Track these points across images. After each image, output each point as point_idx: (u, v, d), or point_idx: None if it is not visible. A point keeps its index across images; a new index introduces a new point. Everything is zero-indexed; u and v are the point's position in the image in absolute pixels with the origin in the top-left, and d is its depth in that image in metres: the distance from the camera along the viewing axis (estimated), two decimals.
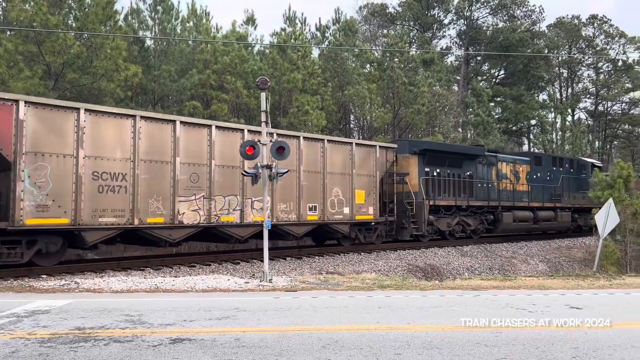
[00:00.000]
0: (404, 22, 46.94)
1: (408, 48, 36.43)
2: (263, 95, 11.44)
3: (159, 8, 25.58)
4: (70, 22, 22.19)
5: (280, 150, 11.48)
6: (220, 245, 17.74)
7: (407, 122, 30.96)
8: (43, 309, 7.66)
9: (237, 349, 5.52)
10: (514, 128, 49.49)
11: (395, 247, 19.01)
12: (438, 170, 20.29)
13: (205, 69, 24.53)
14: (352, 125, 36.87)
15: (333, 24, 31.27)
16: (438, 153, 20.51)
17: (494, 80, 51.28)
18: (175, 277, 12.00)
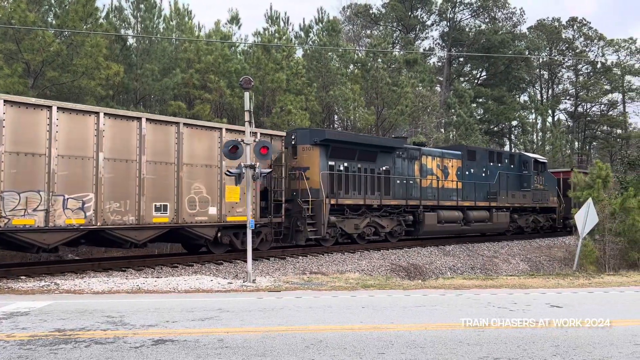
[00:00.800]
0: (388, 22, 47.19)
1: (391, 49, 36.61)
2: (247, 95, 11.40)
3: (142, 6, 25.32)
4: (50, 19, 21.87)
5: (264, 150, 11.45)
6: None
7: (390, 122, 31.11)
8: (22, 311, 7.53)
9: (220, 350, 5.49)
10: (496, 129, 50.05)
11: (379, 247, 19.06)
12: (346, 165, 17.80)
13: (189, 68, 24.35)
14: (336, 126, 36.92)
15: (316, 24, 31.27)
16: (345, 144, 17.88)
17: (476, 81, 51.80)
18: (158, 277, 11.90)
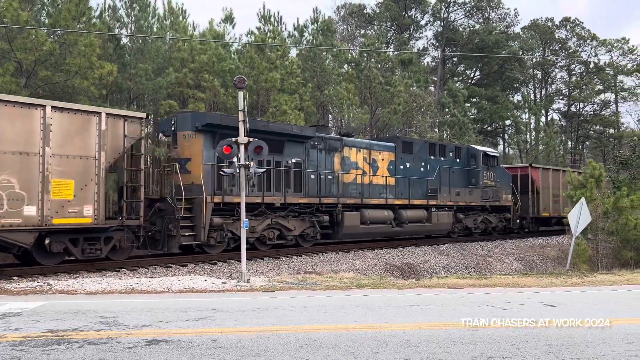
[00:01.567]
0: (382, 22, 47.24)
1: (385, 48, 36.66)
2: (240, 95, 11.38)
3: (135, 5, 25.22)
4: (43, 18, 21.74)
5: (258, 150, 11.44)
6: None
7: (384, 122, 31.15)
8: (14, 311, 7.49)
9: (214, 350, 5.48)
10: (489, 128, 50.22)
11: (373, 246, 19.14)
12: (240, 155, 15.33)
13: (182, 68, 24.28)
14: (330, 125, 36.92)
15: (311, 24, 31.27)
16: (236, 131, 13.95)
17: (470, 81, 51.97)
18: (152, 277, 11.86)
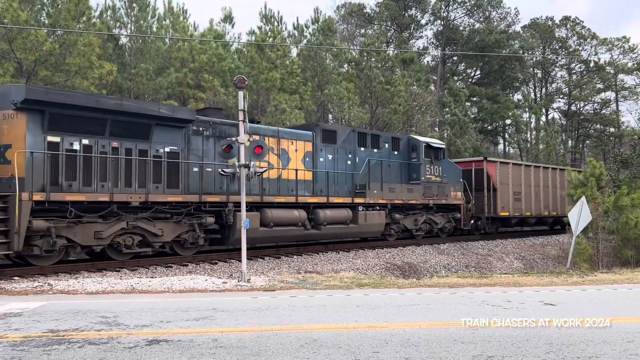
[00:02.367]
0: (382, 22, 47.22)
1: (385, 48, 36.65)
2: (240, 94, 11.38)
3: (135, 5, 25.24)
4: (43, 18, 21.76)
5: (258, 150, 11.43)
6: None
7: (384, 121, 31.14)
8: (15, 312, 7.49)
9: (214, 350, 5.48)
10: (490, 127, 50.19)
11: (374, 245, 19.08)
12: (86, 142, 12.34)
13: (183, 68, 24.30)
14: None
15: (312, 23, 31.30)
16: (80, 111, 12.15)
17: (470, 80, 51.94)
18: (152, 277, 11.86)
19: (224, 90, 24.36)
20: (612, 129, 55.39)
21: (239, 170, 11.36)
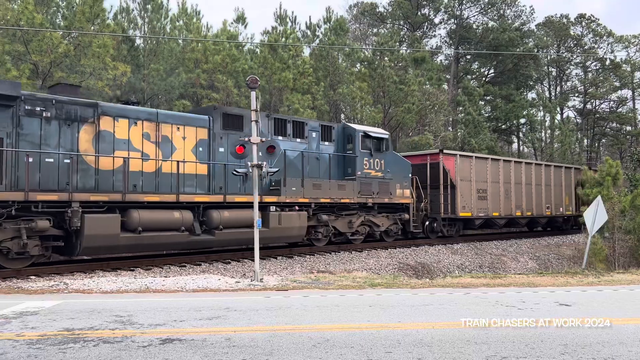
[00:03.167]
0: (394, 21, 47.06)
1: (398, 47, 36.53)
2: (253, 94, 11.41)
3: (149, 7, 25.46)
4: (58, 20, 22.03)
5: (271, 150, 11.45)
6: None
7: (397, 120, 31.04)
8: (32, 310, 7.59)
9: (227, 349, 5.50)
10: (504, 127, 49.79)
11: (386, 245, 18.99)
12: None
13: (196, 68, 24.46)
14: None
15: (324, 23, 31.34)
16: None
17: (484, 79, 51.55)
18: (166, 277, 11.95)
19: (237, 91, 24.48)
20: (628, 128, 54.63)
21: (251, 170, 11.38)
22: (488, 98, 47.89)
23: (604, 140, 57.67)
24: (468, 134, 36.36)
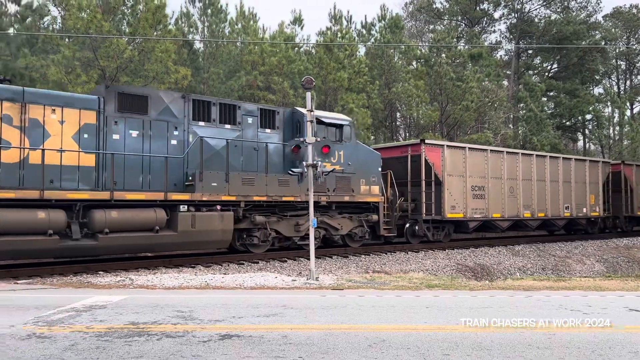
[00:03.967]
0: (452, 17, 46.10)
1: (455, 43, 35.76)
2: (308, 95, 11.50)
3: (208, 11, 26.17)
4: (123, 27, 23.03)
5: (325, 150, 11.49)
6: None
7: (455, 118, 30.40)
8: (100, 304, 7.97)
9: (284, 346, 5.58)
10: (568, 123, 47.73)
11: (444, 246, 18.66)
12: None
13: (253, 70, 24.91)
14: (398, 123, 36.53)
15: (379, 21, 31.14)
16: None
17: (547, 74, 49.60)
18: (225, 274, 12.24)
19: (293, 92, 24.74)
20: None
21: (307, 170, 11.47)
22: (551, 94, 46.03)
23: None
24: (530, 132, 35.09)
